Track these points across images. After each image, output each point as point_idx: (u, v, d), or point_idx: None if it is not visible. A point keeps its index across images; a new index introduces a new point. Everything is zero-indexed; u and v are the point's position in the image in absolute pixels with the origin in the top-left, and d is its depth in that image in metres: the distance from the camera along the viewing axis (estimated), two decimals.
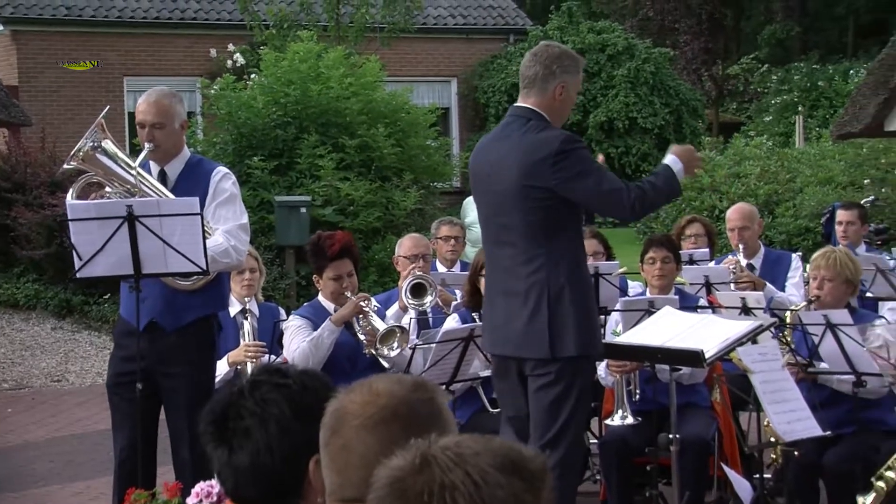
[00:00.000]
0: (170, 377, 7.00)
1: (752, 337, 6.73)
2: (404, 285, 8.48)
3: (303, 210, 16.91)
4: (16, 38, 27.45)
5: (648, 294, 8.40)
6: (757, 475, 7.17)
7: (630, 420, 7.73)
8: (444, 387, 7.48)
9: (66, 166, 7.06)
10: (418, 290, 8.46)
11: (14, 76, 26.63)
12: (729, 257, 9.73)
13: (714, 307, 8.21)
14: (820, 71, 37.28)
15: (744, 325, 6.76)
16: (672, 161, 6.55)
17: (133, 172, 6.92)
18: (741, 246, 9.70)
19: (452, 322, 8.19)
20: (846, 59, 41.58)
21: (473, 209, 9.51)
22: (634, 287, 9.25)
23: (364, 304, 7.87)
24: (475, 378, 7.99)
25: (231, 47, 26.92)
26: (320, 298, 8.12)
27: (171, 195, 6.93)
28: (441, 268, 9.55)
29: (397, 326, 7.87)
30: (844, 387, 7.40)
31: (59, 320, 17.06)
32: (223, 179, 7.17)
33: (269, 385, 3.24)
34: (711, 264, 9.58)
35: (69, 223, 6.66)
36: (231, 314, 8.22)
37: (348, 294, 7.91)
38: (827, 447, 7.34)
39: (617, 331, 7.90)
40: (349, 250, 8.02)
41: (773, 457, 7.58)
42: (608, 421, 7.91)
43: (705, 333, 6.61)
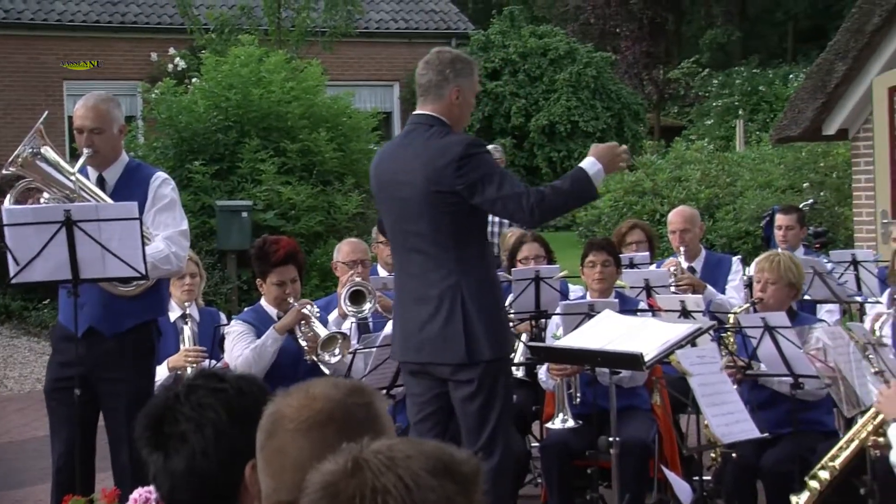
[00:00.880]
0: (109, 383, 6.94)
1: (691, 340, 6.76)
2: (343, 293, 8.46)
3: (244, 214, 16.87)
4: None
5: (589, 297, 8.42)
6: (697, 477, 7.20)
7: (571, 423, 7.76)
8: (385, 391, 7.48)
9: (5, 172, 6.99)
10: (357, 298, 8.43)
11: None
12: (670, 259, 9.78)
13: (654, 310, 8.24)
14: (760, 75, 37.46)
15: (683, 328, 6.78)
16: (589, 164, 6.43)
17: (72, 178, 6.85)
18: (682, 248, 9.75)
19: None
20: (786, 64, 41.87)
21: None
22: (575, 291, 9.27)
23: (306, 311, 7.85)
24: None
25: (172, 51, 26.80)
26: (263, 303, 8.09)
27: (111, 201, 6.88)
28: (382, 272, 9.53)
29: (339, 333, 7.84)
30: (783, 388, 7.46)
31: None
32: (162, 185, 7.12)
33: (206, 389, 3.23)
34: (653, 267, 9.62)
35: (5, 228, 6.59)
36: (171, 319, 8.20)
37: (291, 300, 7.89)
38: (765, 449, 7.40)
39: (557, 334, 7.93)
40: (294, 256, 8.00)
41: (713, 457, 7.61)
42: (549, 424, 7.93)
43: (645, 336, 6.63)
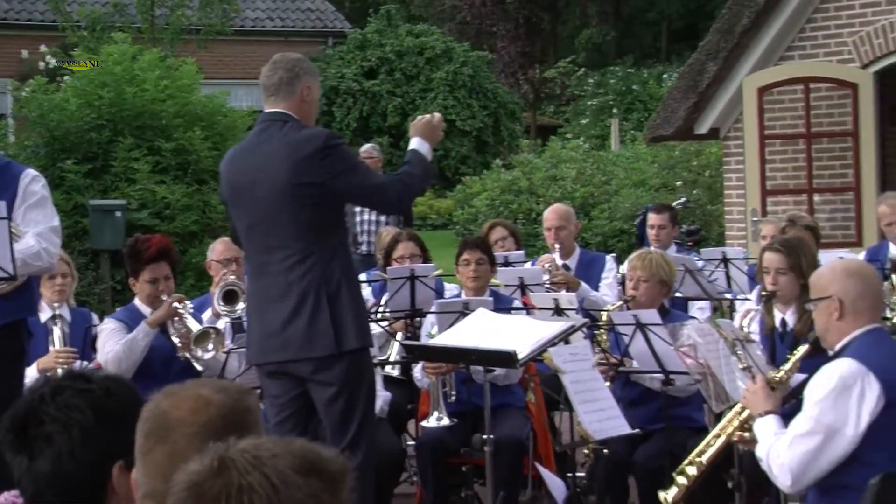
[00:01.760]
0: None
1: (564, 337, 6.82)
2: (216, 292, 8.39)
3: (118, 214, 16.67)
4: None
5: (464, 296, 8.45)
6: (570, 473, 7.25)
7: (446, 421, 7.78)
8: (259, 391, 7.44)
9: None
10: (230, 297, 8.36)
11: None
12: (545, 256, 9.85)
13: (528, 308, 8.30)
14: (635, 75, 37.81)
15: (556, 326, 6.84)
16: (418, 143, 6.68)
17: None
18: (557, 246, 9.82)
19: None
20: (660, 64, 42.31)
21: None
22: (450, 289, 9.29)
23: (179, 306, 7.78)
24: None
25: (43, 48, 26.42)
26: (136, 302, 7.98)
27: None
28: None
29: (212, 328, 7.78)
30: (655, 385, 7.55)
31: None
32: (33, 182, 7.01)
33: (72, 390, 3.19)
34: (528, 265, 9.68)
35: None
36: (41, 320, 8.05)
37: (164, 297, 7.81)
38: (637, 445, 7.48)
39: (432, 333, 7.94)
40: (167, 253, 7.90)
41: (586, 454, 7.69)
42: (424, 423, 7.95)
43: (519, 334, 6.68)
